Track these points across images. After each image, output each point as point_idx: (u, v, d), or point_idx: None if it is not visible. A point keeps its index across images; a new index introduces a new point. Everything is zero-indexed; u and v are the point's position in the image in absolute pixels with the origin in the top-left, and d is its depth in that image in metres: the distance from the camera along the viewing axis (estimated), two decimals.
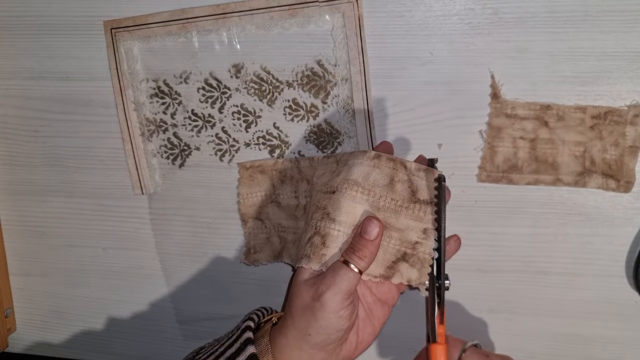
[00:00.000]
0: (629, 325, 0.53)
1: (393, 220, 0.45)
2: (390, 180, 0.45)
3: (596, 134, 0.49)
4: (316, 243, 0.44)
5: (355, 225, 0.44)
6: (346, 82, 0.52)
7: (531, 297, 0.54)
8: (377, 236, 0.43)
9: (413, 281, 0.45)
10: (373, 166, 0.45)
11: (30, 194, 0.63)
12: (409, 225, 0.45)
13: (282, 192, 0.54)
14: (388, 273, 0.45)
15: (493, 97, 0.50)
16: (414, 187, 0.45)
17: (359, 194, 0.44)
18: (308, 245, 0.45)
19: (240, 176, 0.55)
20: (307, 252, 0.44)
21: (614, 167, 0.49)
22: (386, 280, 0.45)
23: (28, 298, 0.66)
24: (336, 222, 0.44)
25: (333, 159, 0.50)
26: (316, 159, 0.52)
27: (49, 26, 0.57)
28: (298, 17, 0.51)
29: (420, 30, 0.50)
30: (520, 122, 0.50)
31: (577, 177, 0.50)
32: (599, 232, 0.51)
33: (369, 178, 0.45)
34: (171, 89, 0.56)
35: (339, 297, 0.41)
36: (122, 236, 0.61)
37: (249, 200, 0.55)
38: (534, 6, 0.48)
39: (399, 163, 0.45)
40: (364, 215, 0.44)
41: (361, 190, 0.45)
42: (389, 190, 0.45)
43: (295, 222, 0.53)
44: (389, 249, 0.45)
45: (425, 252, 0.44)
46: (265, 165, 0.54)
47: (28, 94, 0.60)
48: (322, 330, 0.42)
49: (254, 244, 0.56)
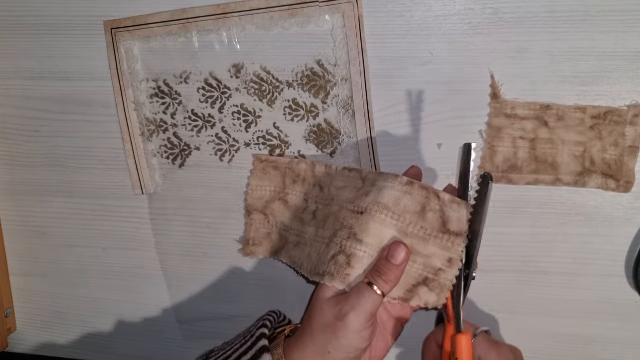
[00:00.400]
0: (629, 325, 0.53)
1: (420, 247, 0.45)
2: (422, 208, 0.45)
3: (596, 134, 0.49)
4: (341, 262, 0.45)
5: (381, 249, 0.45)
6: (346, 82, 0.52)
7: (531, 297, 0.54)
8: (404, 261, 0.44)
9: (430, 304, 0.45)
10: (405, 192, 0.45)
11: (31, 194, 0.63)
12: (435, 253, 0.45)
13: (292, 192, 0.54)
14: (407, 296, 0.45)
15: (493, 97, 0.50)
16: (445, 217, 0.45)
17: (388, 218, 0.45)
18: (332, 263, 0.45)
19: (253, 167, 0.55)
20: (330, 270, 0.45)
21: (613, 167, 0.49)
22: (405, 302, 0.46)
23: (28, 298, 0.66)
24: (363, 243, 0.44)
25: (357, 174, 0.50)
26: (335, 168, 0.52)
27: (49, 26, 0.57)
28: (298, 17, 0.51)
29: (420, 30, 0.50)
30: (520, 122, 0.50)
31: (576, 177, 0.50)
32: (599, 232, 0.51)
33: (400, 204, 0.45)
34: (171, 89, 0.56)
35: (362, 319, 0.42)
36: (122, 236, 0.61)
37: (257, 193, 0.55)
38: (534, 6, 0.48)
39: (432, 193, 0.45)
40: (391, 240, 0.45)
41: (391, 215, 0.45)
42: (419, 218, 0.45)
43: (301, 226, 0.53)
44: (411, 273, 0.45)
45: (447, 278, 0.45)
46: (280, 162, 0.54)
47: (28, 94, 0.60)
48: (343, 349, 0.43)
49: (253, 236, 0.56)
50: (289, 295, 0.59)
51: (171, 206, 0.59)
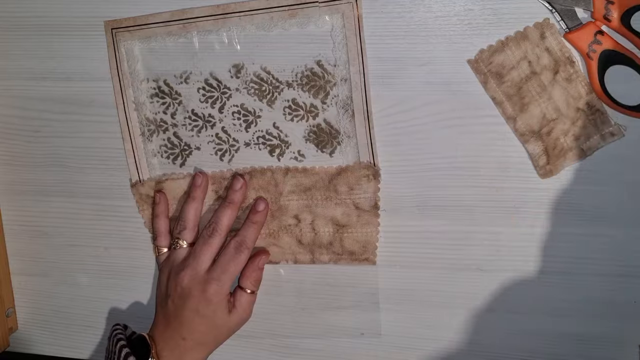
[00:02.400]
0: (628, 325, 0.53)
1: None
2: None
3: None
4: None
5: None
6: (345, 82, 0.52)
7: (531, 297, 0.54)
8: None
9: None
10: None
11: (32, 194, 0.63)
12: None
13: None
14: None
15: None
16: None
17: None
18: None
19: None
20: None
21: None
22: None
23: (29, 297, 0.66)
24: None
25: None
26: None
27: (49, 26, 0.57)
28: (298, 17, 0.51)
29: (419, 31, 0.50)
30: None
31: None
32: (599, 232, 0.51)
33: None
34: (171, 89, 0.56)
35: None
36: (123, 236, 0.62)
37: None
38: (533, 6, 0.48)
39: None
40: None
41: None
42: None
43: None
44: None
45: None
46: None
47: (29, 94, 0.60)
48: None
49: None
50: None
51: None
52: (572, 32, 0.47)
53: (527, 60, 0.49)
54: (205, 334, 0.53)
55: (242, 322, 0.55)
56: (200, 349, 0.54)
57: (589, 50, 0.46)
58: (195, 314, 0.53)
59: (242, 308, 0.55)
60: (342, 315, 0.58)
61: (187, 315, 0.53)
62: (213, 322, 0.53)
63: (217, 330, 0.54)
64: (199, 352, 0.54)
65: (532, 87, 0.49)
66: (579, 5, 0.46)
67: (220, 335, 0.55)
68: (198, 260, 0.53)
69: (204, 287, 0.52)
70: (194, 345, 0.53)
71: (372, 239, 0.55)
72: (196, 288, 0.53)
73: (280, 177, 0.55)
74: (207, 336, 0.53)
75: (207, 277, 0.53)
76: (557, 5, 0.47)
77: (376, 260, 0.56)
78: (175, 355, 0.53)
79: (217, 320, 0.53)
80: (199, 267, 0.53)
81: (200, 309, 0.52)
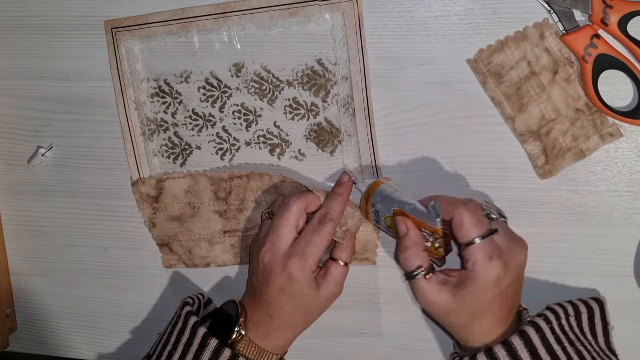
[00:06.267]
0: (627, 325, 0.53)
1: None
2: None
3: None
4: None
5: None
6: (346, 81, 0.52)
7: (531, 297, 0.54)
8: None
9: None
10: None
11: (32, 194, 0.63)
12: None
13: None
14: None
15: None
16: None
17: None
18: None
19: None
20: None
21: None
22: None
23: (29, 298, 0.66)
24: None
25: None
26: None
27: (50, 26, 0.57)
28: (298, 16, 0.51)
29: (420, 30, 0.50)
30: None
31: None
32: (599, 232, 0.51)
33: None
34: (172, 89, 0.56)
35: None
36: (123, 236, 0.61)
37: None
38: (533, 7, 0.48)
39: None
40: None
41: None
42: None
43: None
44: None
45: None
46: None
47: (29, 94, 0.60)
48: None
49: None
50: None
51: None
52: (569, 35, 0.47)
53: (526, 60, 0.49)
54: (293, 313, 0.49)
55: (333, 297, 0.50)
56: (288, 328, 0.50)
57: (585, 54, 0.46)
58: (282, 293, 0.48)
59: (335, 282, 0.49)
60: (342, 315, 0.58)
61: (272, 293, 0.49)
62: (301, 301, 0.49)
63: (306, 309, 0.49)
64: (286, 331, 0.50)
65: (531, 87, 0.49)
66: (578, 8, 0.46)
67: (310, 314, 0.50)
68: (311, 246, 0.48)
69: (285, 262, 0.48)
70: (280, 324, 0.49)
71: (373, 239, 0.55)
72: (278, 265, 0.48)
73: (280, 183, 0.55)
74: (295, 315, 0.49)
75: (289, 252, 0.48)
76: (555, 7, 0.47)
77: (376, 260, 0.56)
78: (260, 332, 0.50)
79: (304, 298, 0.48)
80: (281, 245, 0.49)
81: (285, 288, 0.48)
